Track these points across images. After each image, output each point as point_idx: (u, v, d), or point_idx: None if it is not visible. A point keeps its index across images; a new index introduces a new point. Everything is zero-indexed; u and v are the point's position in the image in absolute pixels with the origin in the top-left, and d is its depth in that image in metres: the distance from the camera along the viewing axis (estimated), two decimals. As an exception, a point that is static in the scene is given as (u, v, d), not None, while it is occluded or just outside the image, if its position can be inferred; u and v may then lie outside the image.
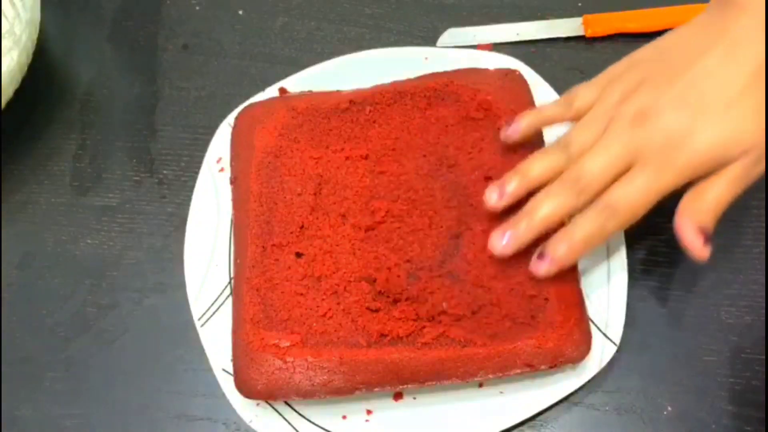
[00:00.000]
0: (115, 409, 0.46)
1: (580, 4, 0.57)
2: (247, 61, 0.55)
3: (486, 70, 0.49)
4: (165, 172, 0.53)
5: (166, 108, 0.55)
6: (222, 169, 0.50)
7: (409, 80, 0.49)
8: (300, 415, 0.44)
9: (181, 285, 0.49)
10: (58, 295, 0.49)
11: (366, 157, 0.46)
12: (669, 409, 0.44)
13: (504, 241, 0.41)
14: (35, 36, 0.53)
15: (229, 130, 0.50)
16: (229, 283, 0.47)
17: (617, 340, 0.44)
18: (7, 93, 0.52)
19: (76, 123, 0.55)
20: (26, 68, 0.53)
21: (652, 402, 0.44)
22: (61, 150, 0.54)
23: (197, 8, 0.59)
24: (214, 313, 0.46)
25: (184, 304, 0.48)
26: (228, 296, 0.46)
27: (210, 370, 0.45)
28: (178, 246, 0.50)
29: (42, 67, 0.55)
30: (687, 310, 0.46)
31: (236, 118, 0.49)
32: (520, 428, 0.44)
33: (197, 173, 0.52)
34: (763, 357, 0.45)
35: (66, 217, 0.52)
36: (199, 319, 0.46)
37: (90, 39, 0.58)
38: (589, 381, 0.44)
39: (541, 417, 0.44)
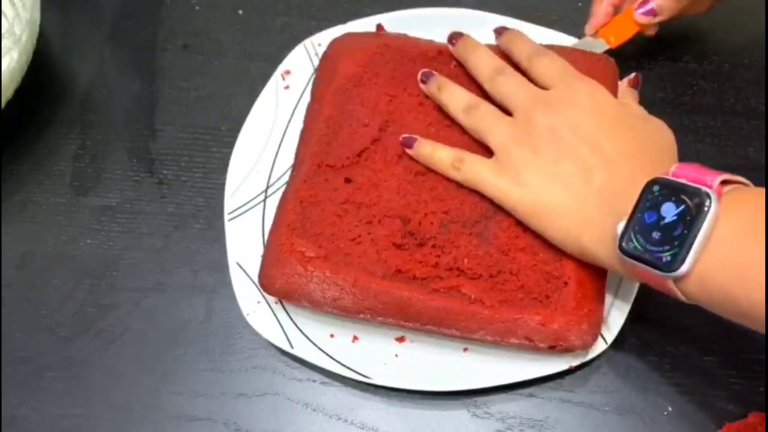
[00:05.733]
0: (115, 409, 0.46)
1: (580, 4, 0.57)
2: (247, 61, 0.55)
3: (579, 51, 0.49)
4: (165, 172, 0.53)
5: (166, 108, 0.55)
6: (287, 87, 0.52)
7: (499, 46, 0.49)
8: (293, 321, 0.46)
9: (181, 285, 0.49)
10: (58, 295, 0.49)
11: (438, 108, 0.47)
12: (669, 409, 0.44)
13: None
14: (35, 36, 0.53)
15: (303, 51, 0.53)
16: (265, 191, 0.49)
17: (610, 340, 0.44)
18: (7, 93, 0.51)
19: (76, 123, 0.55)
20: (26, 68, 0.53)
21: (652, 402, 0.44)
22: (60, 150, 0.54)
23: (197, 8, 0.59)
24: (243, 213, 0.49)
25: (184, 304, 0.48)
26: (260, 202, 0.49)
27: (210, 370, 0.45)
28: (178, 246, 0.50)
29: (42, 67, 0.55)
30: (687, 310, 0.46)
31: (329, 44, 0.51)
32: (521, 428, 0.44)
33: (197, 173, 0.52)
34: (763, 357, 0.45)
35: (66, 217, 0.52)
36: (229, 214, 0.48)
37: (90, 39, 0.58)
38: (589, 381, 0.45)
39: (542, 417, 0.44)
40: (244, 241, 0.48)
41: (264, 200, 0.49)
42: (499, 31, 0.48)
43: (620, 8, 0.50)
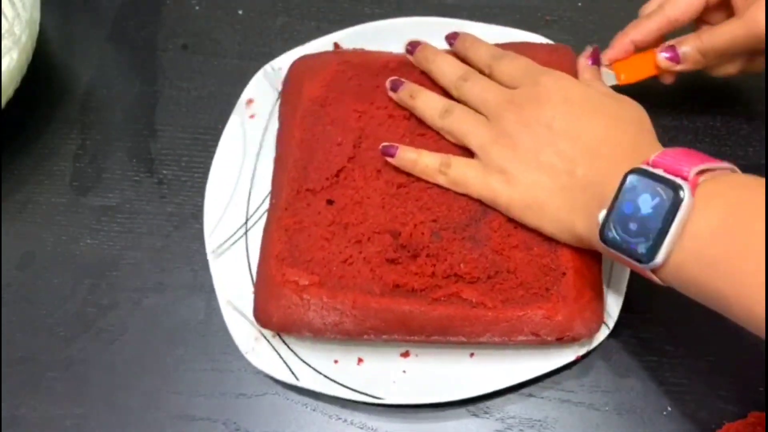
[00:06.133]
0: (115, 409, 0.46)
1: (580, 4, 0.57)
2: (247, 61, 0.55)
3: (536, 44, 0.49)
4: (165, 172, 0.53)
5: (166, 108, 0.55)
6: (252, 116, 0.51)
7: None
8: (294, 353, 0.45)
9: (181, 285, 0.49)
10: (58, 295, 0.49)
11: (408, 118, 0.47)
12: (669, 408, 0.44)
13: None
14: (35, 36, 0.53)
15: (264, 76, 0.52)
16: (245, 223, 0.48)
17: (611, 325, 0.44)
18: (7, 93, 0.51)
19: (76, 123, 0.55)
20: (26, 68, 0.53)
21: (652, 402, 0.44)
22: (61, 150, 0.54)
23: (197, 8, 0.59)
24: (227, 249, 0.48)
25: (184, 304, 0.48)
26: (242, 236, 0.48)
27: (210, 369, 0.45)
28: (178, 246, 0.50)
29: (42, 67, 0.55)
30: (687, 309, 0.46)
31: (290, 68, 0.51)
32: (520, 428, 0.44)
33: (197, 173, 0.52)
34: (763, 357, 0.44)
35: (66, 217, 0.52)
36: (213, 252, 0.47)
37: (90, 39, 0.58)
38: (588, 381, 0.45)
39: (541, 417, 0.44)
40: (232, 278, 0.47)
41: (245, 233, 0.48)
42: (452, 38, 0.48)
43: (641, 49, 0.49)
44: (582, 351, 0.44)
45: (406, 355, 0.45)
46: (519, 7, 0.56)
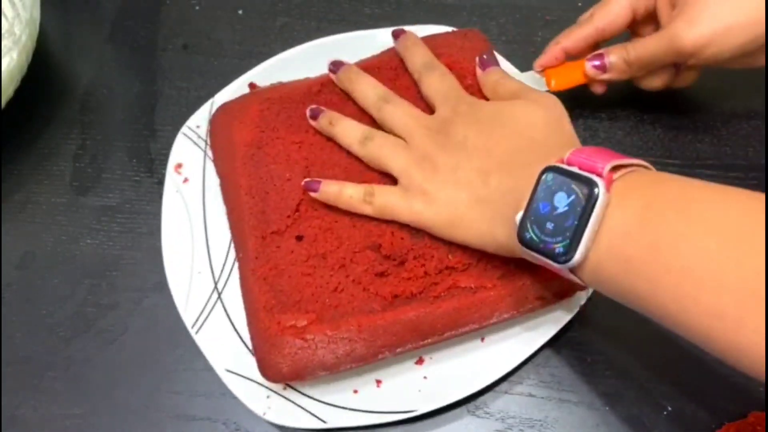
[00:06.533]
0: (115, 409, 0.46)
1: (580, 4, 0.57)
2: (247, 61, 0.55)
3: (445, 33, 0.50)
4: (164, 172, 0.53)
5: (166, 108, 0.55)
6: (186, 180, 0.50)
7: (374, 56, 0.50)
8: (310, 397, 0.44)
9: (181, 285, 0.49)
10: (58, 295, 0.49)
11: None
12: (669, 409, 0.44)
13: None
14: (35, 36, 0.53)
15: (185, 139, 0.51)
16: (215, 287, 0.47)
17: None
18: (7, 93, 0.51)
19: (76, 123, 0.55)
20: (26, 68, 0.53)
21: (652, 402, 0.44)
22: (61, 150, 0.54)
23: (197, 8, 0.59)
24: (206, 318, 0.46)
25: (184, 304, 0.48)
26: (216, 300, 0.46)
27: (210, 369, 0.45)
28: (178, 246, 0.50)
29: (42, 67, 0.55)
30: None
31: (212, 119, 0.50)
32: (520, 428, 0.44)
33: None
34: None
35: (66, 217, 0.52)
36: (192, 327, 0.46)
37: (90, 39, 0.58)
38: (589, 381, 0.45)
39: (541, 417, 0.44)
40: (221, 345, 0.45)
41: (219, 297, 0.46)
42: (396, 34, 0.49)
43: (573, 57, 0.50)
44: (583, 301, 0.44)
45: (420, 362, 0.45)
46: (519, 7, 0.56)
